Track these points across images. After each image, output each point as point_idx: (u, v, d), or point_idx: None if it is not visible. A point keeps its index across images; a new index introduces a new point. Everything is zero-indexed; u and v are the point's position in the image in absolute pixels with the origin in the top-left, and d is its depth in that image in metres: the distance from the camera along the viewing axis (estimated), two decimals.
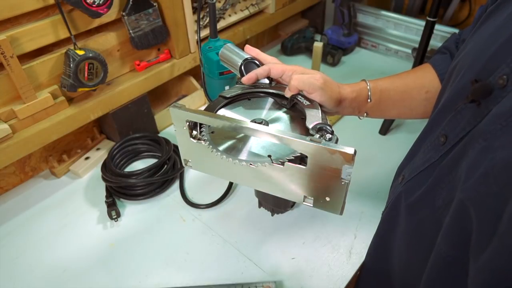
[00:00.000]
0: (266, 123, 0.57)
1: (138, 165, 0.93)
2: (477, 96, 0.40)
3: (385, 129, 1.02)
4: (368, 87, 0.64)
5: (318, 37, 1.38)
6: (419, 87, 0.65)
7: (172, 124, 0.57)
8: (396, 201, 0.55)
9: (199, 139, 0.56)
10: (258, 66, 0.64)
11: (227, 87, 0.80)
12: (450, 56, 0.66)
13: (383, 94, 0.64)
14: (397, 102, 0.65)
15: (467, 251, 0.37)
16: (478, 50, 0.47)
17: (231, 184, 0.86)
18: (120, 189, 0.84)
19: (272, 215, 0.79)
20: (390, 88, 0.65)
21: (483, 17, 0.51)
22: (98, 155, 0.94)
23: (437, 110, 0.52)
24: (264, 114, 0.60)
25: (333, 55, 1.27)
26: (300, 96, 0.58)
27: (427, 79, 0.65)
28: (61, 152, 0.94)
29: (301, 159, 0.51)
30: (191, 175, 0.91)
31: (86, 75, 0.79)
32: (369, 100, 0.63)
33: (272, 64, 0.62)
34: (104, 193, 0.84)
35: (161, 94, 1.11)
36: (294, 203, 0.77)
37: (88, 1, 0.74)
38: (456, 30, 1.21)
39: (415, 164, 0.52)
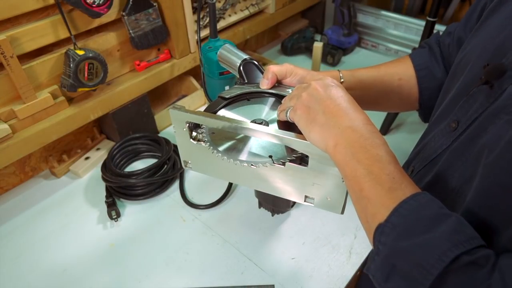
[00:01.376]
0: (266, 123, 0.57)
1: (138, 165, 0.93)
2: (490, 77, 0.41)
3: (385, 129, 1.02)
4: (339, 72, 0.66)
5: (318, 37, 1.38)
6: (391, 73, 0.68)
7: (172, 125, 0.57)
8: None
9: (199, 140, 0.56)
10: (257, 66, 0.64)
11: (227, 87, 0.80)
12: (429, 50, 0.69)
13: (355, 74, 0.67)
14: (369, 85, 0.68)
15: (490, 233, 0.37)
16: (486, 40, 0.47)
17: (231, 184, 0.86)
18: (120, 189, 0.84)
19: (272, 215, 0.79)
20: (362, 72, 0.68)
21: (488, 10, 0.52)
22: (98, 155, 0.94)
23: (447, 101, 0.52)
24: (264, 114, 0.60)
25: (333, 55, 1.27)
26: None
27: (400, 67, 0.68)
28: (61, 152, 0.94)
29: (301, 159, 0.51)
30: (191, 175, 0.91)
31: (86, 75, 0.79)
32: (341, 80, 0.66)
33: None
34: (104, 193, 0.84)
35: (161, 94, 1.11)
36: (294, 203, 0.77)
37: (88, 1, 0.74)
38: None
39: (425, 154, 0.52)
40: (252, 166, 0.51)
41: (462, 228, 0.35)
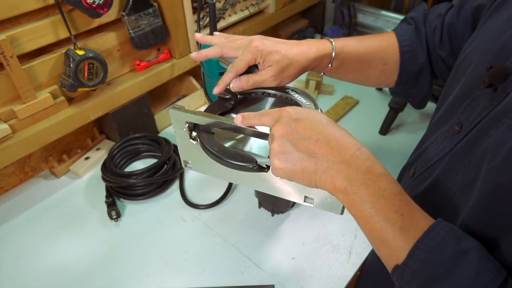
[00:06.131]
0: None
1: (138, 165, 0.93)
2: (494, 80, 0.40)
3: (385, 129, 1.02)
4: (332, 53, 0.63)
5: (318, 37, 1.38)
6: (379, 59, 0.67)
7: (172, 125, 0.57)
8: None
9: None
10: (258, 66, 0.64)
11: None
12: (415, 29, 0.67)
13: (345, 61, 0.65)
14: (355, 69, 0.67)
15: (492, 239, 0.37)
16: (488, 41, 0.47)
17: (231, 184, 0.86)
18: (120, 189, 0.84)
19: (272, 215, 0.79)
20: (353, 55, 0.65)
21: (489, 12, 0.52)
22: (98, 155, 0.94)
23: (448, 103, 0.52)
24: None
25: None
26: (297, 95, 0.59)
27: (388, 52, 0.67)
28: (61, 152, 0.94)
29: None
30: (191, 175, 0.91)
31: (86, 75, 0.79)
32: (329, 66, 0.64)
33: (223, 44, 0.60)
34: (104, 193, 0.84)
35: (161, 94, 1.11)
36: (294, 203, 0.77)
37: (88, 1, 0.74)
38: None
39: (428, 157, 0.52)
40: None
41: (484, 266, 0.34)
